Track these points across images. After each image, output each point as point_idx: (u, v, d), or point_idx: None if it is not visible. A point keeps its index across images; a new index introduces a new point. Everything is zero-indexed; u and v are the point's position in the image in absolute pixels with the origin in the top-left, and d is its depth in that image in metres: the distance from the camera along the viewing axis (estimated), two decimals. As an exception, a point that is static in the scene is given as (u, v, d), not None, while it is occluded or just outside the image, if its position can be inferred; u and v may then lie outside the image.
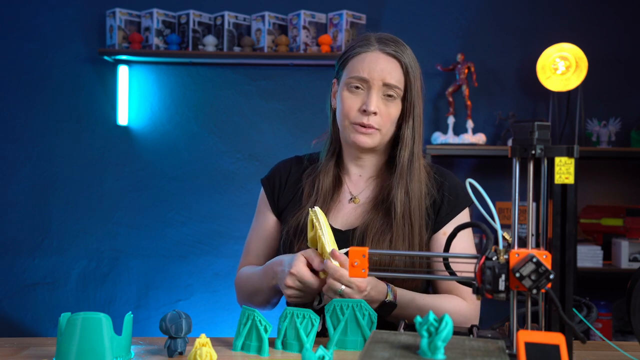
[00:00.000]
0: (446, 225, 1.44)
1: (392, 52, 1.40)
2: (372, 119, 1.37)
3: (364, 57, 1.40)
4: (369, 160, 1.47)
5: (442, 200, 1.44)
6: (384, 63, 1.39)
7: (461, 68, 3.11)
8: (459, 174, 3.28)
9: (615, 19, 3.28)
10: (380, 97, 1.38)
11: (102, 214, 3.32)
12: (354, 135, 1.39)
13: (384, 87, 1.38)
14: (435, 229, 1.44)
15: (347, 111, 1.39)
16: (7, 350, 1.20)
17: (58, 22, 3.30)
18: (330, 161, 1.48)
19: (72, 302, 3.30)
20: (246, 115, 3.31)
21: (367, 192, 1.47)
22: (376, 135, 1.40)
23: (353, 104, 1.39)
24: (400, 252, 1.25)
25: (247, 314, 1.21)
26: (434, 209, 1.44)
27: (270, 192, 1.54)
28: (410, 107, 1.40)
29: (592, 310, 1.15)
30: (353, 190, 1.48)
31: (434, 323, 0.86)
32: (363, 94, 1.39)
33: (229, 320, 3.30)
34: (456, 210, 1.45)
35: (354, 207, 1.46)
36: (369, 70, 1.38)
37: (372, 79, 1.37)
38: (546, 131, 0.95)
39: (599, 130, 3.15)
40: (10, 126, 3.32)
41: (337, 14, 3.12)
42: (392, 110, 1.39)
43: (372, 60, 1.39)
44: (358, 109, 1.39)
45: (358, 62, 1.40)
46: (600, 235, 3.13)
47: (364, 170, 1.48)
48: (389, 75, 1.38)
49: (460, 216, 1.46)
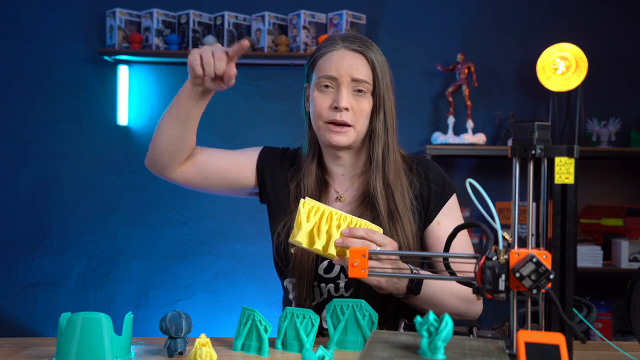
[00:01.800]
0: (438, 215, 1.45)
1: (357, 48, 1.41)
2: (344, 115, 1.39)
3: (330, 56, 1.41)
4: (349, 159, 1.48)
5: (429, 192, 1.45)
6: (350, 59, 1.40)
7: (461, 68, 3.11)
8: (459, 174, 3.28)
9: (615, 19, 3.28)
10: (351, 93, 1.40)
11: (102, 214, 3.32)
12: (329, 135, 1.40)
13: (353, 83, 1.39)
14: (428, 221, 1.45)
15: (319, 111, 1.41)
16: (7, 350, 1.20)
17: (58, 22, 3.30)
18: (311, 164, 1.49)
19: (72, 302, 3.30)
20: (246, 115, 3.31)
21: (352, 190, 1.49)
22: (351, 132, 1.40)
23: (324, 103, 1.40)
24: (400, 252, 1.24)
25: (247, 314, 1.21)
26: (422, 200, 1.45)
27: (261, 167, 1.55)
28: (381, 100, 1.41)
29: (592, 310, 1.15)
30: (339, 189, 1.50)
31: (434, 323, 0.86)
32: (333, 92, 1.40)
33: (229, 320, 3.30)
34: (444, 198, 1.45)
35: (341, 206, 1.47)
36: (337, 68, 1.39)
37: (340, 76, 1.39)
38: (546, 131, 0.95)
39: (599, 130, 3.15)
40: (10, 126, 3.32)
41: (337, 14, 3.12)
42: (363, 105, 1.40)
43: (338, 57, 1.40)
44: (329, 107, 1.40)
45: (325, 61, 1.41)
46: (600, 235, 3.13)
47: (345, 169, 1.49)
48: (357, 70, 1.39)
49: (449, 203, 1.46)
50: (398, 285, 1.27)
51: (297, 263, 1.41)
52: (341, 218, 1.22)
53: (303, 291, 1.42)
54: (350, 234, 1.19)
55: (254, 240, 3.29)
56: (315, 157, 1.50)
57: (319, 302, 1.45)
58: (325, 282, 1.43)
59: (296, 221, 1.22)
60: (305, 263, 1.40)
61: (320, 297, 1.44)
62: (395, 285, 1.26)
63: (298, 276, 1.42)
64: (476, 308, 1.41)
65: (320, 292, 1.44)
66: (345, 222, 1.22)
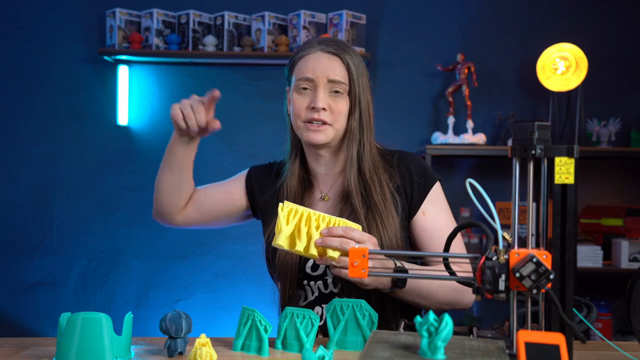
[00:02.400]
0: (422, 205, 1.47)
1: (333, 51, 1.46)
2: (322, 114, 1.43)
3: (307, 58, 1.46)
4: (329, 157, 1.51)
5: (412, 184, 1.47)
6: (326, 62, 1.45)
7: (461, 68, 3.11)
8: (459, 174, 3.28)
9: (615, 19, 3.28)
10: (328, 93, 1.44)
11: (102, 214, 3.32)
12: (307, 134, 1.45)
13: (330, 84, 1.44)
14: (413, 212, 1.47)
15: (298, 111, 1.46)
16: (7, 350, 1.20)
17: (58, 22, 3.30)
18: (294, 164, 1.54)
19: (72, 302, 3.30)
20: (246, 115, 3.31)
21: (334, 189, 1.52)
22: (329, 130, 1.44)
23: (302, 104, 1.45)
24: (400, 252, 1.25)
25: (247, 314, 1.21)
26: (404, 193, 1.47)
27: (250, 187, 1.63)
28: (356, 100, 1.45)
29: (592, 310, 1.15)
30: (323, 189, 1.54)
31: (434, 323, 0.86)
32: (311, 93, 1.45)
33: (229, 320, 3.30)
34: (427, 188, 1.48)
35: (325, 204, 1.51)
36: (313, 70, 1.44)
37: (316, 77, 1.44)
38: (546, 131, 0.95)
39: (599, 130, 3.15)
40: (10, 126, 3.32)
41: (337, 14, 3.12)
42: (341, 105, 1.45)
43: (315, 60, 1.45)
44: (307, 107, 1.44)
45: (303, 64, 1.46)
46: (600, 235, 3.13)
47: (327, 168, 1.53)
48: (332, 72, 1.44)
49: (433, 192, 1.48)
50: (382, 280, 1.29)
51: (281, 264, 1.46)
52: (320, 218, 1.25)
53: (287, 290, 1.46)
54: (328, 234, 1.23)
55: (254, 240, 3.27)
56: (298, 157, 1.55)
57: (311, 300, 1.47)
58: (314, 280, 1.46)
59: (277, 225, 1.24)
60: (289, 263, 1.45)
61: (312, 295, 1.47)
62: (379, 280, 1.29)
63: (282, 276, 1.46)
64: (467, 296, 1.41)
65: (311, 290, 1.47)
66: (324, 222, 1.25)
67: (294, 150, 1.55)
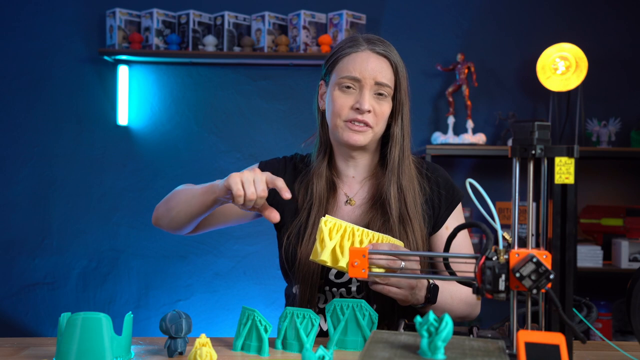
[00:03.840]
0: (447, 220, 1.46)
1: (382, 52, 1.42)
2: (365, 116, 1.39)
3: (354, 57, 1.41)
4: (362, 160, 1.47)
5: (440, 197, 1.46)
6: (374, 62, 1.40)
7: (461, 68, 3.11)
8: (459, 174, 3.28)
9: (615, 19, 3.28)
10: (372, 95, 1.40)
11: (102, 214, 3.32)
12: (348, 134, 1.40)
13: (376, 86, 1.40)
14: (437, 225, 1.45)
15: (339, 110, 1.40)
16: (7, 350, 1.20)
17: (58, 22, 3.30)
18: (322, 163, 1.47)
19: (72, 302, 3.30)
20: (246, 115, 3.31)
21: (362, 194, 1.48)
22: (368, 132, 1.41)
23: (345, 103, 1.40)
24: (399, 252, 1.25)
25: (247, 314, 1.21)
26: (431, 205, 1.45)
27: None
28: (400, 105, 1.44)
29: (592, 310, 1.14)
30: (348, 192, 1.49)
31: (434, 323, 0.86)
32: (355, 93, 1.40)
33: (229, 320, 3.30)
34: (453, 204, 1.47)
35: (351, 210, 1.46)
36: (361, 70, 1.39)
37: (364, 78, 1.39)
38: (546, 131, 0.95)
39: (599, 130, 3.15)
40: (10, 126, 3.32)
41: (337, 14, 3.12)
42: (384, 109, 1.42)
43: (363, 59, 1.40)
44: (351, 107, 1.39)
45: (349, 62, 1.41)
46: (600, 235, 3.13)
47: (357, 171, 1.49)
48: (380, 74, 1.40)
49: (458, 208, 1.48)
50: (418, 296, 1.28)
51: (302, 268, 1.40)
52: (363, 234, 1.22)
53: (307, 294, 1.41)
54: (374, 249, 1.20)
55: (254, 240, 3.29)
56: (327, 157, 1.48)
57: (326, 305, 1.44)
58: (337, 287, 1.43)
59: (318, 239, 1.21)
60: (311, 268, 1.39)
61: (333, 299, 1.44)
62: (416, 296, 1.27)
63: (303, 280, 1.41)
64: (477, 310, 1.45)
65: (332, 295, 1.43)
66: (367, 237, 1.22)
67: (322, 148, 1.48)
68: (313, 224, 1.42)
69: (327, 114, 1.45)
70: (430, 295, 1.29)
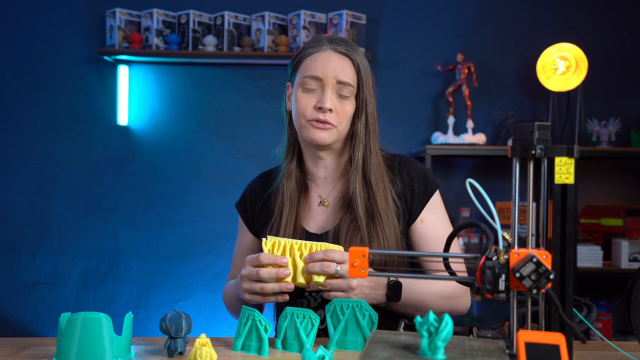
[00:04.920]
0: (422, 213, 1.44)
1: (344, 51, 1.41)
2: (328, 116, 1.39)
3: (316, 56, 1.41)
4: (330, 160, 1.47)
5: (412, 191, 1.45)
6: (336, 61, 1.40)
7: (461, 68, 3.11)
8: (459, 174, 3.28)
9: (615, 19, 3.28)
10: (335, 94, 1.40)
11: (102, 214, 3.32)
12: (312, 131, 1.40)
13: (338, 85, 1.40)
14: (412, 219, 1.45)
15: (303, 110, 1.41)
16: (7, 350, 1.20)
17: (58, 22, 3.30)
18: (290, 164, 1.48)
19: (72, 302, 3.30)
20: (246, 115, 3.31)
21: (334, 194, 1.48)
22: (333, 131, 1.40)
23: (308, 102, 1.40)
24: (399, 252, 1.24)
25: (247, 314, 1.21)
26: (405, 200, 1.45)
27: (244, 215, 1.57)
28: (363, 104, 1.42)
29: (592, 310, 1.14)
30: (322, 193, 1.49)
31: (434, 323, 0.86)
32: (318, 92, 1.40)
33: (229, 320, 3.29)
34: (427, 195, 1.45)
35: (324, 210, 1.47)
36: (323, 69, 1.39)
37: (325, 77, 1.39)
38: (546, 131, 0.95)
39: (599, 130, 3.15)
40: (10, 126, 3.32)
41: (337, 14, 3.12)
42: (347, 108, 1.41)
43: (325, 59, 1.40)
44: (314, 107, 1.40)
45: (311, 61, 1.41)
46: (600, 235, 3.13)
47: (327, 172, 1.49)
48: (342, 73, 1.40)
49: (432, 200, 1.46)
50: (375, 294, 1.29)
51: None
52: (302, 246, 1.26)
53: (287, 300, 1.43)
54: (310, 259, 1.23)
55: (254, 240, 3.28)
56: (295, 157, 1.49)
57: (313, 306, 1.44)
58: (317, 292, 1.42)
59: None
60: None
61: (315, 302, 1.44)
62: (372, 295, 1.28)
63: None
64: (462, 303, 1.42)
65: (314, 299, 1.44)
66: (306, 249, 1.26)
67: (290, 150, 1.49)
68: (285, 226, 1.43)
69: (293, 114, 1.46)
70: (391, 292, 1.29)
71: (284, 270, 1.24)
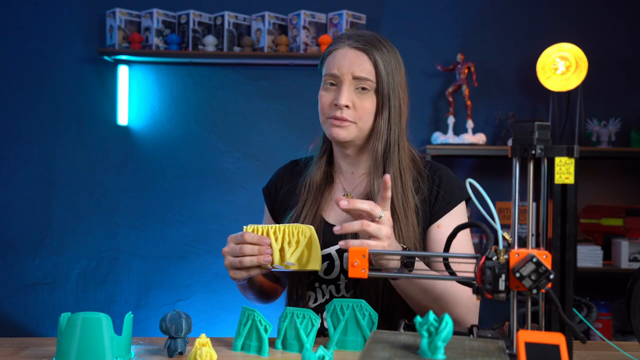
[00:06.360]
0: (441, 219, 1.42)
1: (360, 46, 1.41)
2: (345, 113, 1.39)
3: (334, 54, 1.43)
4: (355, 156, 1.48)
5: (437, 195, 1.43)
6: (352, 57, 1.41)
7: (461, 68, 3.11)
8: (459, 174, 3.28)
9: (615, 19, 3.28)
10: (353, 90, 1.40)
11: (102, 214, 3.32)
12: (330, 129, 1.41)
13: (355, 81, 1.40)
14: (429, 223, 1.43)
15: (323, 107, 1.43)
16: (7, 350, 1.20)
17: (58, 22, 3.30)
18: (321, 159, 1.51)
19: (72, 302, 3.30)
20: (246, 115, 3.31)
21: (359, 189, 1.49)
22: (352, 128, 1.40)
23: (327, 100, 1.42)
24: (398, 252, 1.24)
25: (247, 314, 1.21)
26: (428, 203, 1.43)
27: (268, 201, 1.59)
28: (385, 99, 1.42)
29: (592, 310, 1.14)
30: (347, 187, 1.50)
31: (434, 323, 0.86)
32: (336, 89, 1.42)
33: (229, 320, 3.30)
34: (450, 204, 1.43)
35: None
36: (338, 66, 1.40)
37: (341, 73, 1.40)
38: (546, 131, 0.95)
39: (599, 130, 3.15)
40: (10, 126, 3.32)
41: (337, 14, 3.12)
42: (366, 104, 1.41)
43: (341, 55, 1.41)
44: (331, 104, 1.41)
45: (330, 59, 1.43)
46: (600, 235, 3.13)
47: (354, 167, 1.50)
48: (358, 68, 1.39)
49: (456, 209, 1.43)
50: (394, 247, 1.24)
51: None
52: (277, 230, 1.29)
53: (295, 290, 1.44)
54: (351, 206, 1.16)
55: (254, 240, 3.28)
56: (326, 152, 1.52)
57: (320, 302, 1.44)
58: (326, 284, 1.43)
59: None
60: None
61: (323, 298, 1.44)
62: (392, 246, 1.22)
63: (290, 275, 1.45)
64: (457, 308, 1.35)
65: (322, 293, 1.44)
66: (280, 231, 1.29)
67: (323, 145, 1.52)
68: (305, 217, 1.44)
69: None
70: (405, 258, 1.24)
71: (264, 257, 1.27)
